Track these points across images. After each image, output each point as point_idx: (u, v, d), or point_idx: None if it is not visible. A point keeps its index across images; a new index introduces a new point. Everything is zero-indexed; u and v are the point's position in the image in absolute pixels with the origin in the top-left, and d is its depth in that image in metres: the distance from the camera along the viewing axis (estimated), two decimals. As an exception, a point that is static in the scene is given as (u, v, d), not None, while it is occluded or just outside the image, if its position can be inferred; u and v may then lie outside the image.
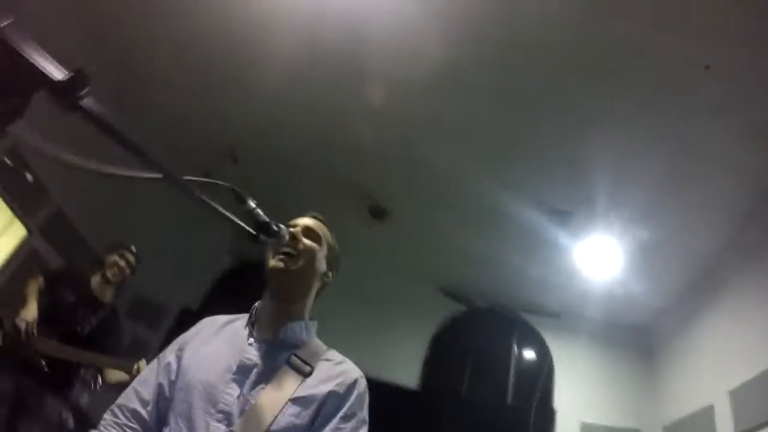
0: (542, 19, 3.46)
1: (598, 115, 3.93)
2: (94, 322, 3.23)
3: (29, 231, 4.11)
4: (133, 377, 3.01)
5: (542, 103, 3.98)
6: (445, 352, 5.76)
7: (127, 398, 1.24)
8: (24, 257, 4.04)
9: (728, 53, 3.27)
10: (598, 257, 4.86)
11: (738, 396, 3.55)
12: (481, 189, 4.67)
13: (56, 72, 0.63)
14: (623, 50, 3.52)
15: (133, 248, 3.45)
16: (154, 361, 1.31)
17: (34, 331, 2.93)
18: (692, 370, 4.42)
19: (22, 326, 2.90)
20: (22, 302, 3.02)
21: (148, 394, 1.23)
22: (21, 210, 3.99)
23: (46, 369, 2.97)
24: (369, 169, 5.07)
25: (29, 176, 1.18)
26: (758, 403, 3.33)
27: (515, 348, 5.60)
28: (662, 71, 3.60)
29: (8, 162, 1.90)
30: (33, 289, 3.09)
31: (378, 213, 5.67)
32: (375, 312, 5.68)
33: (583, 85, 3.80)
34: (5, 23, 0.59)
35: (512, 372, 5.39)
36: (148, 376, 1.27)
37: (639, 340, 5.27)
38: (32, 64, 0.61)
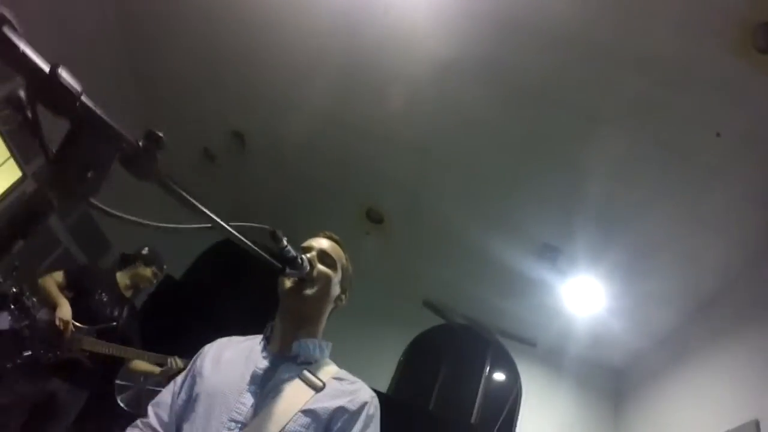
0: (545, 72, 3.54)
1: (592, 161, 3.97)
2: (124, 318, 3.30)
3: (24, 174, 4.04)
4: (165, 372, 3.22)
5: (544, 148, 4.07)
6: (419, 362, 5.78)
7: (147, 416, 1.28)
8: (14, 200, 3.98)
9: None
10: (581, 295, 4.91)
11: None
12: (476, 219, 4.75)
13: (132, 138, 0.61)
14: (634, 106, 3.57)
15: (165, 267, 3.64)
16: (171, 383, 1.34)
17: (72, 329, 2.95)
18: (656, 421, 4.43)
19: (64, 327, 2.91)
20: (47, 299, 3.03)
21: (165, 412, 1.27)
22: (18, 152, 3.94)
23: (90, 365, 3.03)
24: (375, 179, 5.12)
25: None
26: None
27: (487, 368, 5.62)
28: (672, 132, 3.65)
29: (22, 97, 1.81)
30: (52, 285, 3.09)
31: (376, 218, 5.69)
32: (357, 316, 5.65)
33: (578, 131, 3.86)
34: (81, 90, 0.54)
35: (480, 392, 5.41)
36: (164, 398, 1.31)
37: (610, 382, 5.31)
38: (115, 130, 0.58)
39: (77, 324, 3.01)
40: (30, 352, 2.90)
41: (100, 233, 5.02)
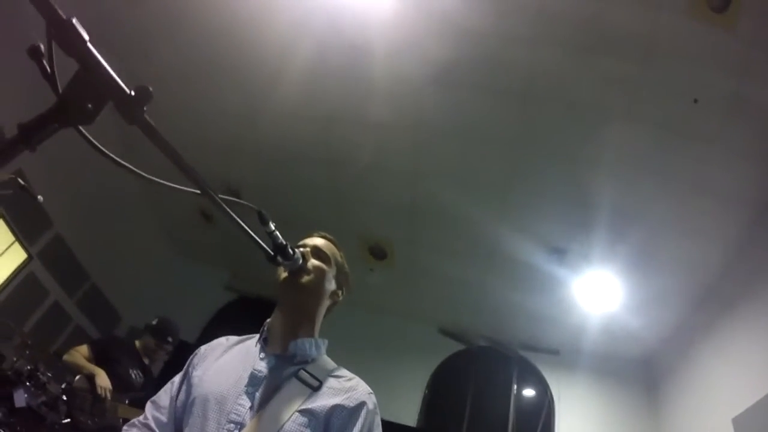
0: (533, 66, 3.65)
1: (593, 154, 4.04)
2: (148, 385, 3.41)
3: (29, 256, 4.15)
4: None
5: (539, 145, 4.13)
6: (444, 391, 5.64)
7: (144, 416, 1.29)
8: (21, 281, 4.07)
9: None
10: (595, 292, 4.85)
11: (741, 422, 3.47)
12: (479, 229, 4.74)
13: (125, 86, 0.71)
14: (614, 88, 3.66)
15: (170, 339, 3.64)
16: (169, 384, 1.35)
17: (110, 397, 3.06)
18: (694, 399, 4.32)
19: (105, 394, 3.01)
20: (80, 371, 3.12)
21: (163, 415, 1.28)
22: (22, 234, 4.06)
23: None
24: (372, 212, 5.16)
25: (40, 198, 1.22)
26: (761, 429, 3.25)
27: (514, 386, 5.49)
28: (653, 106, 3.73)
29: (21, 182, 1.92)
30: (80, 358, 3.21)
31: (380, 254, 5.72)
32: (374, 352, 5.60)
33: (576, 125, 3.94)
34: (87, 38, 0.66)
35: (512, 410, 5.25)
36: (162, 398, 1.32)
37: (639, 373, 5.17)
38: (111, 76, 0.69)
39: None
40: (69, 420, 2.91)
41: (109, 306, 5.07)
